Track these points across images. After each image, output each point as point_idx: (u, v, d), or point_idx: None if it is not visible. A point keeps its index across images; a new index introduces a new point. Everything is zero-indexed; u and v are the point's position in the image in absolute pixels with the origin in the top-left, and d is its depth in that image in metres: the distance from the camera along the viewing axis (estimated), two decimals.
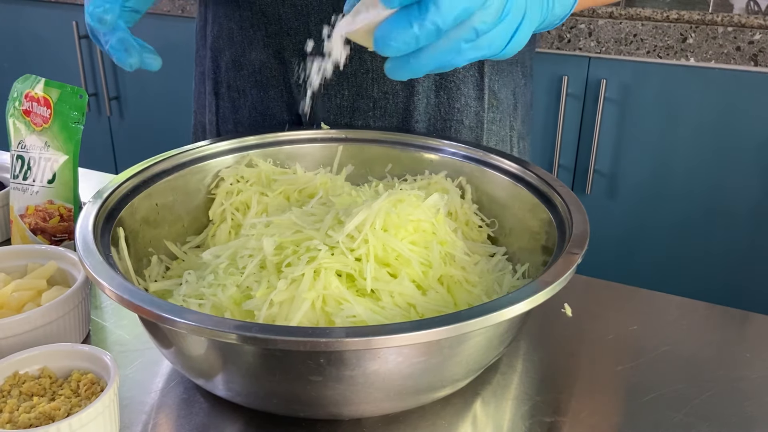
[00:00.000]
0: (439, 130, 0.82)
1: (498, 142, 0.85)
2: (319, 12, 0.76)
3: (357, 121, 0.81)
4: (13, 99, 0.74)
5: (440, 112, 0.81)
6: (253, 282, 0.57)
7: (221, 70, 0.85)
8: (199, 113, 0.92)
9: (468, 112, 0.82)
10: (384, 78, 0.79)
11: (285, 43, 0.79)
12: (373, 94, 0.80)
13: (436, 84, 0.80)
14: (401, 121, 0.81)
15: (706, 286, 1.67)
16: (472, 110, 0.82)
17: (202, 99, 0.90)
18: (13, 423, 0.48)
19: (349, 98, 0.80)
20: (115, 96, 2.20)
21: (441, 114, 0.81)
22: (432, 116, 0.81)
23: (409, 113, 0.80)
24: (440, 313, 0.54)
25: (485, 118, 0.83)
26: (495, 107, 0.83)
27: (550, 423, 0.54)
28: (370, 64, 0.78)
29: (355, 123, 0.81)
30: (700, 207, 1.63)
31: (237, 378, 0.51)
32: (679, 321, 0.67)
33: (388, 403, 0.51)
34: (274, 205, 0.70)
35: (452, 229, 0.66)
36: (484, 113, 0.82)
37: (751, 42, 1.47)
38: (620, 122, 1.64)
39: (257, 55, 0.81)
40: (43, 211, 0.74)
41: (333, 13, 0.73)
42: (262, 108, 0.84)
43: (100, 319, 0.66)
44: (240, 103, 0.85)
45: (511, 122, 0.87)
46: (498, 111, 0.84)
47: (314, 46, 0.77)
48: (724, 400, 0.56)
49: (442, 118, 0.81)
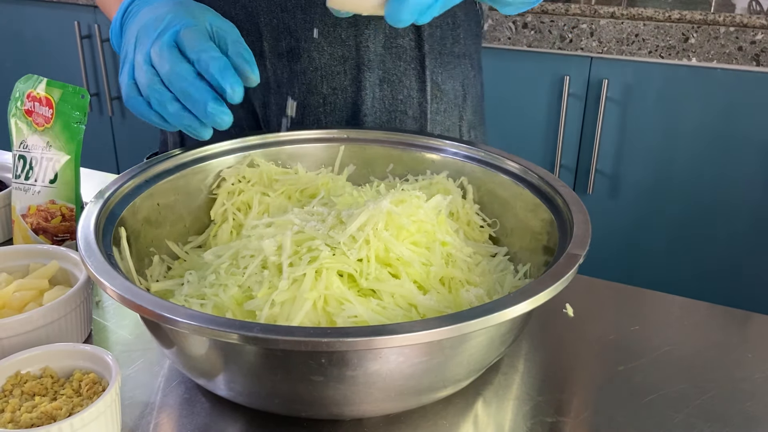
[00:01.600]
0: (384, 122, 0.84)
1: (443, 131, 0.88)
2: (268, 12, 0.78)
3: (308, 118, 0.83)
4: (15, 99, 0.74)
5: (385, 105, 0.84)
6: (254, 282, 0.57)
7: None
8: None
9: (411, 103, 0.85)
10: (333, 75, 0.81)
11: None
12: (322, 91, 0.82)
13: (380, 78, 0.82)
14: (350, 115, 0.83)
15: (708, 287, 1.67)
16: (415, 101, 0.85)
17: None
18: (15, 422, 0.48)
19: (299, 96, 0.82)
20: (117, 96, 2.20)
21: (386, 106, 0.84)
22: (378, 109, 0.83)
23: (357, 107, 0.83)
24: (442, 314, 0.54)
25: (428, 108, 0.85)
26: (439, 98, 0.86)
27: (552, 423, 0.54)
28: (319, 61, 0.80)
29: (306, 120, 0.84)
30: (701, 207, 1.62)
31: (238, 378, 0.51)
32: (680, 321, 0.67)
33: (390, 403, 0.51)
34: (275, 206, 0.70)
35: (454, 230, 0.66)
36: (427, 104, 0.85)
37: (753, 42, 1.47)
38: (622, 122, 1.63)
39: None
40: (45, 211, 0.74)
41: (281, 11, 0.72)
42: None
43: (102, 318, 0.66)
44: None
45: (460, 112, 0.89)
46: (443, 102, 0.86)
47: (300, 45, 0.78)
48: (726, 400, 0.56)
49: (387, 110, 0.84)
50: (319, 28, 0.79)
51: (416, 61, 0.83)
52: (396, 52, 0.82)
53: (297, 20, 0.78)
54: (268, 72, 0.82)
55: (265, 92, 0.83)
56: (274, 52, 0.80)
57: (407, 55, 0.83)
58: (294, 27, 0.79)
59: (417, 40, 0.83)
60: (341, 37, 0.80)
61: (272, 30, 0.79)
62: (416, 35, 0.82)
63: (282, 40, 0.80)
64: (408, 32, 0.82)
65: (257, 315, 0.54)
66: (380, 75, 0.82)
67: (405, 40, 0.82)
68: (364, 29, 0.80)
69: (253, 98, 0.84)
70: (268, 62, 0.81)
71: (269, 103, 0.83)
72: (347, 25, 0.79)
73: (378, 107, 0.83)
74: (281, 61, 0.81)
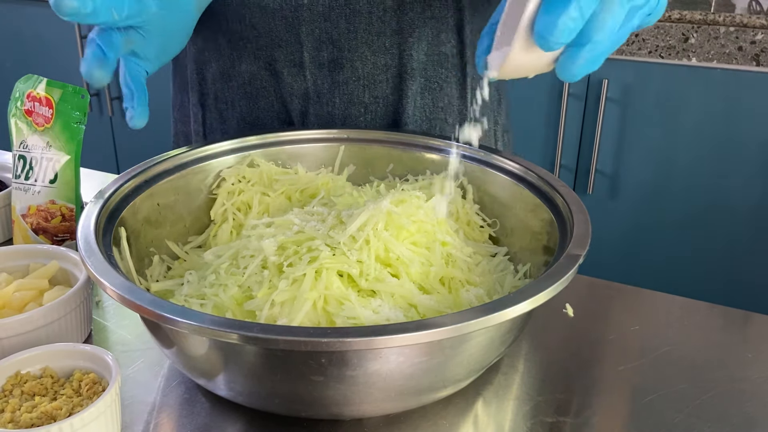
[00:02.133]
0: (425, 129, 0.83)
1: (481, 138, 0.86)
2: (310, 23, 0.76)
3: (348, 128, 0.82)
4: (15, 99, 0.74)
5: (426, 113, 0.83)
6: (254, 282, 0.57)
7: (207, 81, 0.85)
8: (180, 122, 0.93)
9: (451, 110, 0.84)
10: (375, 84, 0.80)
11: (276, 54, 0.79)
12: (364, 100, 0.81)
13: (422, 86, 0.81)
14: (390, 124, 0.83)
15: (708, 287, 1.67)
16: (455, 109, 0.84)
17: (185, 109, 0.91)
18: (15, 422, 0.48)
19: (340, 106, 0.81)
20: (117, 96, 2.20)
21: (426, 114, 0.83)
22: (419, 117, 0.83)
23: (398, 115, 0.82)
24: (442, 314, 0.54)
25: (468, 115, 0.84)
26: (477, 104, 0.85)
27: (552, 423, 0.54)
28: (362, 71, 0.79)
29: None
30: (701, 207, 1.63)
31: (238, 378, 0.51)
32: (680, 321, 0.67)
33: (390, 403, 0.51)
34: (275, 206, 0.70)
35: (454, 230, 0.66)
36: (467, 111, 0.84)
37: (753, 42, 1.47)
38: (622, 122, 1.64)
39: (247, 67, 0.81)
40: (45, 211, 0.74)
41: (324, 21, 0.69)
42: (251, 119, 0.84)
43: (102, 318, 0.66)
44: (228, 114, 0.85)
45: (495, 117, 0.89)
46: (480, 107, 0.86)
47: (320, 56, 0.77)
48: (726, 400, 0.56)
49: (428, 118, 0.83)
50: (363, 37, 0.77)
51: (457, 68, 0.82)
52: (438, 59, 0.81)
53: (341, 30, 0.76)
54: (307, 82, 0.80)
55: (303, 102, 0.81)
56: (315, 62, 0.78)
57: (449, 62, 0.82)
58: (337, 37, 0.77)
59: (459, 47, 0.82)
60: (385, 45, 0.78)
61: (314, 40, 0.77)
62: (458, 41, 0.81)
63: (324, 50, 0.78)
64: (450, 39, 0.81)
65: (257, 315, 0.54)
66: (422, 83, 0.81)
67: (447, 47, 0.81)
68: (407, 37, 0.78)
69: (291, 108, 0.82)
70: (308, 72, 0.79)
71: (308, 113, 0.82)
72: (391, 33, 0.78)
73: (419, 115, 0.82)
74: (322, 71, 0.79)
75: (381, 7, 0.76)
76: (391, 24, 0.77)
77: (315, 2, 0.75)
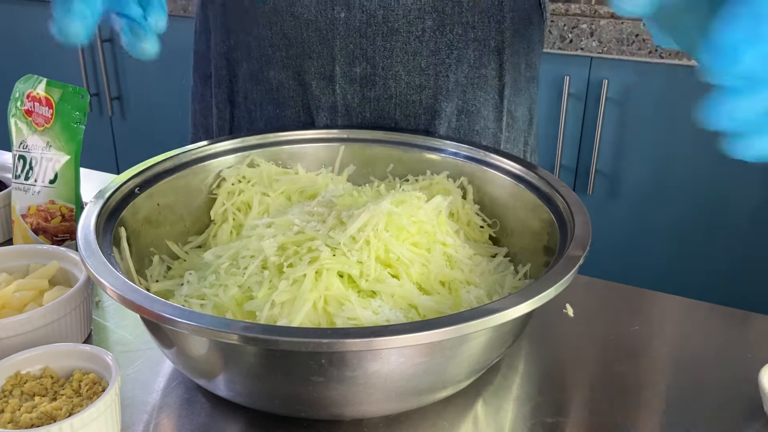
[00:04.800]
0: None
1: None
2: (345, 37, 0.75)
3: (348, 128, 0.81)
4: (14, 99, 0.74)
5: (460, 134, 0.81)
6: (254, 282, 0.57)
7: (238, 79, 0.84)
8: (200, 115, 0.92)
9: (486, 134, 0.82)
10: (407, 104, 0.79)
11: (306, 65, 0.78)
12: (395, 117, 0.79)
13: (459, 109, 0.80)
14: None
15: (708, 287, 1.67)
16: (490, 132, 0.82)
17: (206, 101, 0.90)
18: (14, 423, 0.48)
19: (370, 120, 0.80)
20: (117, 96, 2.20)
21: (460, 135, 0.81)
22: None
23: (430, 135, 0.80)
24: (442, 314, 0.54)
25: (501, 138, 0.83)
26: (511, 126, 0.84)
27: (552, 423, 0.54)
28: (394, 89, 0.78)
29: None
30: (701, 207, 1.62)
31: (238, 378, 0.51)
32: (680, 321, 0.67)
33: (390, 403, 0.51)
34: (275, 206, 0.70)
35: (454, 230, 0.66)
36: (501, 134, 0.83)
37: None
38: (622, 122, 1.63)
39: (275, 74, 0.80)
40: (45, 211, 0.74)
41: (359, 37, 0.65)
42: (277, 124, 0.83)
43: (102, 319, 0.66)
44: (256, 115, 0.85)
45: (525, 138, 0.87)
46: (513, 130, 0.84)
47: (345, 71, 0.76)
48: (726, 400, 0.56)
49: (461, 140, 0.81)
50: (399, 56, 0.76)
51: (495, 90, 0.81)
52: (478, 82, 0.80)
53: (376, 47, 0.75)
54: (336, 96, 0.79)
55: (331, 115, 0.80)
56: (346, 77, 0.77)
57: (488, 84, 0.80)
58: (372, 54, 0.76)
59: (499, 69, 0.80)
60: (421, 65, 0.77)
61: (347, 55, 0.76)
62: (498, 63, 0.80)
63: (357, 65, 0.76)
64: (491, 61, 0.79)
65: (257, 315, 0.54)
66: (459, 105, 0.79)
67: (488, 69, 0.79)
68: (445, 58, 0.77)
69: (318, 120, 0.81)
70: (338, 86, 0.78)
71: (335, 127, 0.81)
72: (428, 53, 0.76)
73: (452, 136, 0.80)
74: (353, 86, 0.78)
75: (420, 27, 0.75)
76: (429, 44, 0.76)
77: (352, 17, 0.74)
